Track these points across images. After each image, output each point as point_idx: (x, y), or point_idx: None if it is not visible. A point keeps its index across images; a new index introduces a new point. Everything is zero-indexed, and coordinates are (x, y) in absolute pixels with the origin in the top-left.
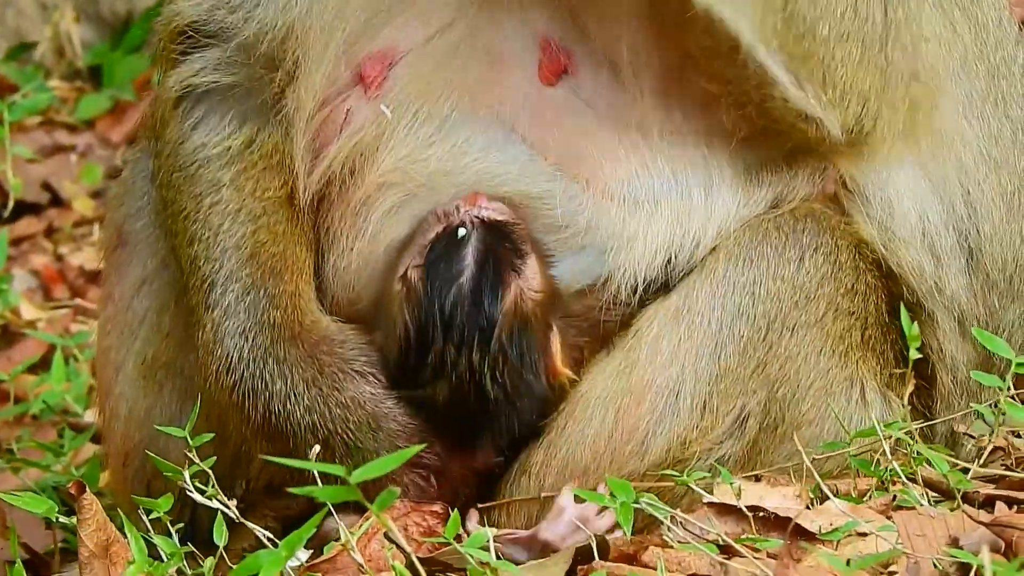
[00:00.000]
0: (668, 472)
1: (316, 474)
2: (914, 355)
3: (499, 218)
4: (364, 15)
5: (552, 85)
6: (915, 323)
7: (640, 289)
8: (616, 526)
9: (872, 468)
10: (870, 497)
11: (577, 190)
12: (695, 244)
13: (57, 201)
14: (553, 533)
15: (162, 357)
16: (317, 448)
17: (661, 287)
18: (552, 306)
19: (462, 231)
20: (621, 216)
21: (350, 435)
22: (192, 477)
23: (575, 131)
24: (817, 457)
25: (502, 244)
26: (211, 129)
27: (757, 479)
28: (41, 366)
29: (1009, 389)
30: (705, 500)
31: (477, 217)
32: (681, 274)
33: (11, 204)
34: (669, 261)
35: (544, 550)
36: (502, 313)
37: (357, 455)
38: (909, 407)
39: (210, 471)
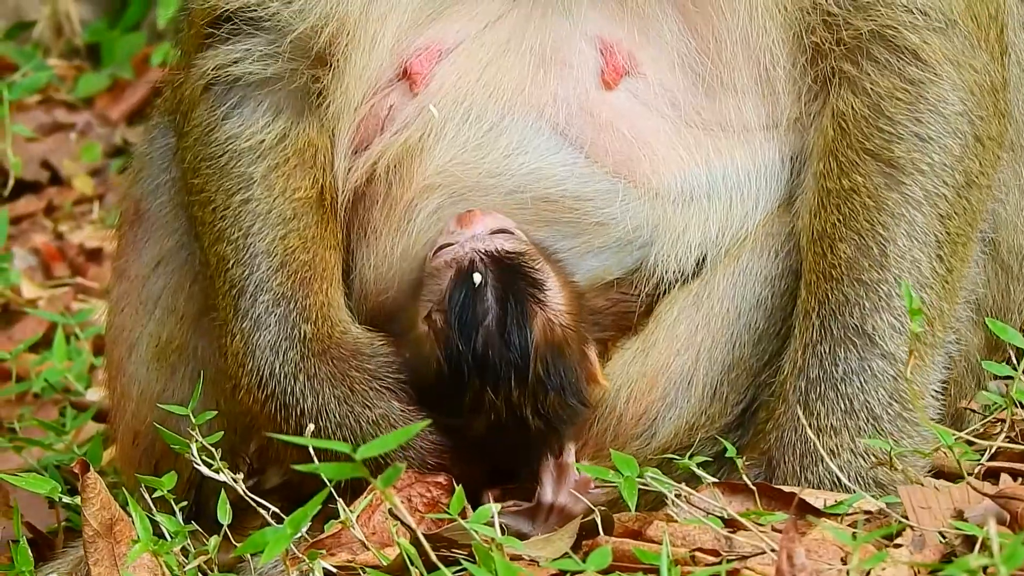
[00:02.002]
0: (671, 456)
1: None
2: (915, 328)
3: (508, 249)
4: (414, 8)
5: (611, 88)
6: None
7: (678, 279)
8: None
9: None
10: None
11: (631, 190)
12: (735, 235)
13: (57, 179)
14: (556, 496)
15: (176, 340)
16: (312, 427)
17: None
18: (583, 318)
19: (477, 278)
20: (674, 212)
21: (381, 453)
22: (198, 455)
23: (632, 133)
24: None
25: (518, 279)
26: (244, 120)
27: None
28: (42, 344)
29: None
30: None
31: (486, 255)
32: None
33: (11, 183)
34: (710, 251)
35: (548, 515)
36: (534, 346)
37: None
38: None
39: (213, 448)
